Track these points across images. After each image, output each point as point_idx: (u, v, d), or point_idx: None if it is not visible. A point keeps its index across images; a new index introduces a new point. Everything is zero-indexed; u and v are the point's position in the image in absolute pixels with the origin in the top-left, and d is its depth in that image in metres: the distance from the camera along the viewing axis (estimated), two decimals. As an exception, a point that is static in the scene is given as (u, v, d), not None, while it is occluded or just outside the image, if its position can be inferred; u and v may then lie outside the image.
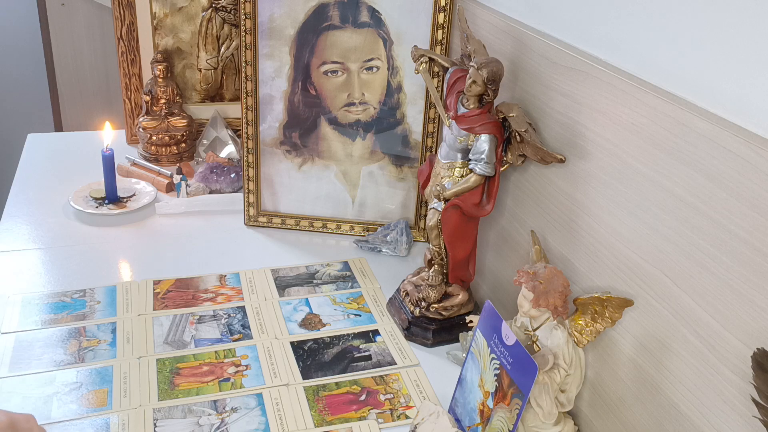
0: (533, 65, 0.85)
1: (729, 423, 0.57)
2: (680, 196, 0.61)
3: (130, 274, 1.07)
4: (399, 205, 1.18)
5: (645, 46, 0.67)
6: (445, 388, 0.84)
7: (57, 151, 1.46)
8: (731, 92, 0.57)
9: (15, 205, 1.23)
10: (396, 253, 1.14)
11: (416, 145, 1.14)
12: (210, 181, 1.29)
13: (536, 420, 0.73)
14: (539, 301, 0.71)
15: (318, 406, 0.83)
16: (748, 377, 0.53)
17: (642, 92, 0.65)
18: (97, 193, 1.24)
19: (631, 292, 0.69)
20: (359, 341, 0.94)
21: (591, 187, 0.75)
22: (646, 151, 0.65)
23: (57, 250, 1.11)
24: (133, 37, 1.38)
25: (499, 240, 0.98)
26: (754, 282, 0.54)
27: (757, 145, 0.53)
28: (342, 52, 1.10)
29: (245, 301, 1.01)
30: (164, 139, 1.38)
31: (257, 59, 1.11)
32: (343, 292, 1.05)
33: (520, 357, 0.69)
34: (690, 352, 0.61)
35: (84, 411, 0.80)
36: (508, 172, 0.92)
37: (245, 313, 0.98)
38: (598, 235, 0.74)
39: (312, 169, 1.17)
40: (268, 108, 1.15)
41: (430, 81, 0.96)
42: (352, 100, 1.13)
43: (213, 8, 1.40)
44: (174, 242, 1.16)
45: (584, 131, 0.75)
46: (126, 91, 1.43)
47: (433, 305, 0.95)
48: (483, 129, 0.84)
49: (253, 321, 0.97)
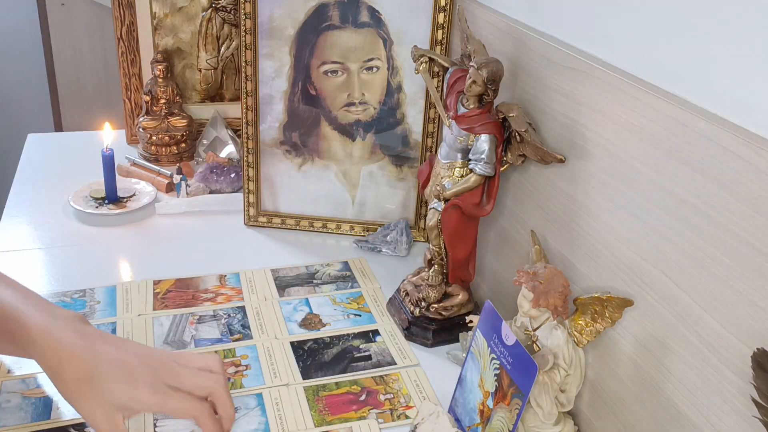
0: (533, 65, 0.85)
1: (729, 423, 0.57)
2: (680, 196, 0.61)
3: (130, 274, 1.07)
4: (399, 205, 1.18)
5: (645, 46, 0.67)
6: (445, 388, 0.84)
7: (57, 151, 1.46)
8: (731, 92, 0.57)
9: (15, 205, 1.23)
10: (396, 253, 1.14)
11: (416, 145, 1.14)
12: (210, 181, 1.29)
13: (536, 420, 0.73)
14: (539, 301, 0.71)
15: (318, 406, 0.83)
16: (748, 377, 0.53)
17: (642, 92, 0.65)
18: (97, 193, 1.24)
19: (631, 292, 0.69)
20: (359, 341, 0.94)
21: (591, 187, 0.75)
22: (646, 151, 0.65)
23: (57, 250, 1.11)
24: (133, 37, 1.39)
25: (499, 240, 0.98)
26: (754, 282, 0.54)
27: (757, 145, 0.53)
28: (342, 52, 1.10)
29: (245, 301, 1.01)
30: (164, 139, 1.38)
31: (257, 59, 1.11)
32: (343, 292, 1.05)
33: (520, 357, 0.69)
34: (690, 352, 0.61)
35: (84, 411, 0.80)
36: (508, 172, 0.92)
37: (245, 313, 0.98)
38: (598, 235, 0.74)
39: (312, 169, 1.18)
40: (268, 108, 1.15)
41: (430, 81, 0.96)
42: (352, 100, 1.13)
43: (213, 8, 1.40)
44: (174, 242, 1.16)
45: (584, 131, 0.75)
46: (126, 91, 1.43)
47: (433, 305, 0.95)
48: (483, 129, 0.84)
49: (253, 321, 0.97)
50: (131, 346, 0.69)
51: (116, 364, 0.64)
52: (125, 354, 0.66)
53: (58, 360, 0.64)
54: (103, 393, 0.63)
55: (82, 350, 0.64)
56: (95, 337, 0.67)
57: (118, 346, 0.67)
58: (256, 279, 1.06)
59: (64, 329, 0.65)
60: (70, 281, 1.03)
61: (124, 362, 0.65)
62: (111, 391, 0.63)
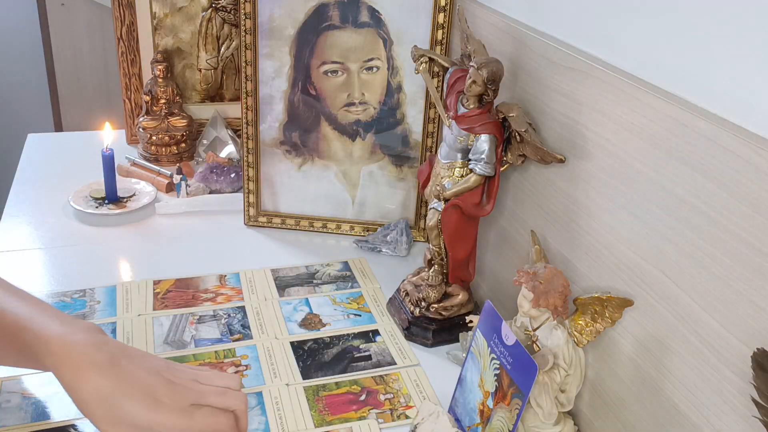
0: (533, 65, 0.85)
1: (729, 423, 0.57)
2: (680, 196, 0.61)
3: (130, 274, 1.07)
4: (399, 205, 1.18)
5: (645, 46, 0.67)
6: (445, 388, 0.84)
7: (57, 151, 1.46)
8: (731, 92, 0.57)
9: (15, 205, 1.23)
10: (396, 253, 1.14)
11: (416, 145, 1.14)
12: (210, 181, 1.29)
13: (536, 420, 0.73)
14: (539, 301, 0.71)
15: (318, 406, 0.83)
16: (748, 377, 0.53)
17: (642, 92, 0.65)
18: (97, 193, 1.24)
19: (631, 292, 0.69)
20: (359, 341, 0.94)
21: (591, 187, 0.75)
22: (646, 151, 0.65)
23: (57, 250, 1.11)
24: (133, 37, 1.39)
25: (499, 240, 0.98)
26: (754, 282, 0.54)
27: (757, 145, 0.53)
28: (342, 52, 1.10)
29: (245, 301, 1.01)
30: (164, 139, 1.38)
31: (257, 59, 1.11)
32: (343, 292, 1.05)
33: (520, 357, 0.69)
34: (690, 352, 0.61)
35: (84, 411, 0.80)
36: (508, 172, 0.92)
37: (245, 313, 0.98)
38: (598, 235, 0.74)
39: (312, 169, 1.18)
40: (268, 108, 1.15)
41: (430, 81, 0.96)
42: (352, 100, 1.13)
43: (213, 8, 1.40)
44: (174, 242, 1.16)
45: (584, 131, 0.75)
46: (126, 91, 1.43)
47: (433, 305, 0.95)
48: (483, 129, 0.84)
49: (253, 321, 0.97)
50: (153, 361, 0.65)
51: (139, 386, 0.60)
52: (147, 374, 0.62)
53: (78, 375, 0.60)
54: (126, 415, 0.59)
55: (103, 366, 0.60)
56: (116, 351, 0.62)
57: (140, 362, 0.63)
58: (256, 279, 1.06)
59: (84, 343, 0.62)
60: (70, 281, 1.03)
61: (146, 383, 0.61)
62: (133, 415, 0.59)
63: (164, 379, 0.62)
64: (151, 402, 0.60)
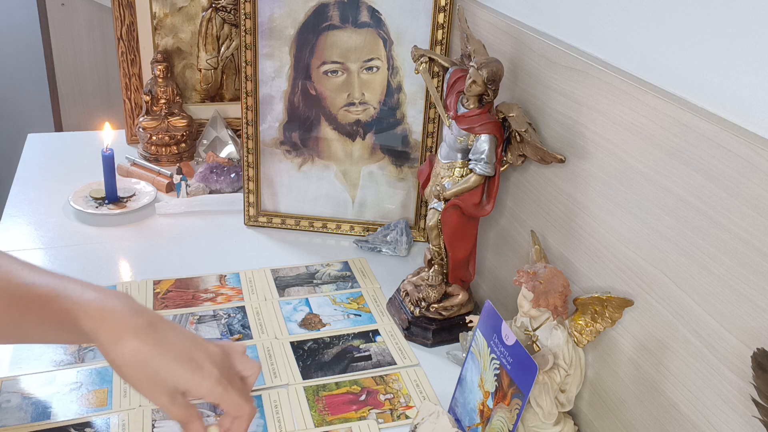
0: (533, 65, 0.85)
1: (729, 423, 0.57)
2: (680, 196, 0.61)
3: (130, 274, 1.07)
4: (399, 205, 1.18)
5: (645, 46, 0.67)
6: (445, 388, 0.84)
7: (57, 151, 1.46)
8: (731, 92, 0.57)
9: (15, 205, 1.23)
10: (396, 253, 1.14)
11: (416, 145, 1.14)
12: (210, 181, 1.29)
13: (536, 420, 0.73)
14: (539, 301, 0.71)
15: (318, 406, 0.83)
16: (748, 377, 0.53)
17: (642, 92, 0.65)
18: (97, 193, 1.24)
19: (631, 292, 0.69)
20: (359, 341, 0.94)
21: (591, 187, 0.75)
22: (646, 151, 0.65)
23: (57, 250, 1.11)
24: (133, 37, 1.39)
25: (499, 240, 0.98)
26: (754, 282, 0.54)
27: (757, 145, 0.53)
28: (342, 52, 1.10)
29: (245, 301, 1.01)
30: (164, 139, 1.38)
31: (257, 59, 1.11)
32: (343, 292, 1.05)
33: (520, 357, 0.69)
34: (690, 352, 0.61)
35: (84, 411, 0.80)
36: (508, 172, 0.92)
37: (245, 313, 0.98)
38: (598, 235, 0.74)
39: (312, 169, 1.18)
40: (268, 108, 1.15)
41: (430, 81, 0.96)
42: (352, 100, 1.13)
43: (213, 8, 1.40)
44: (174, 242, 1.16)
45: (584, 131, 0.75)
46: (126, 91, 1.43)
47: (433, 305, 0.95)
48: (483, 129, 0.84)
49: (253, 321, 0.97)
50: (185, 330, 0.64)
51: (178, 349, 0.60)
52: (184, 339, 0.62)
53: (117, 338, 0.59)
54: (166, 376, 0.59)
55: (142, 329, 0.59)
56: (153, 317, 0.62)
57: (176, 328, 0.63)
58: (256, 279, 1.06)
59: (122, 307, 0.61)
60: (70, 281, 1.03)
61: (185, 346, 0.61)
62: (174, 377, 0.59)
63: (201, 345, 0.62)
64: (192, 365, 0.60)
